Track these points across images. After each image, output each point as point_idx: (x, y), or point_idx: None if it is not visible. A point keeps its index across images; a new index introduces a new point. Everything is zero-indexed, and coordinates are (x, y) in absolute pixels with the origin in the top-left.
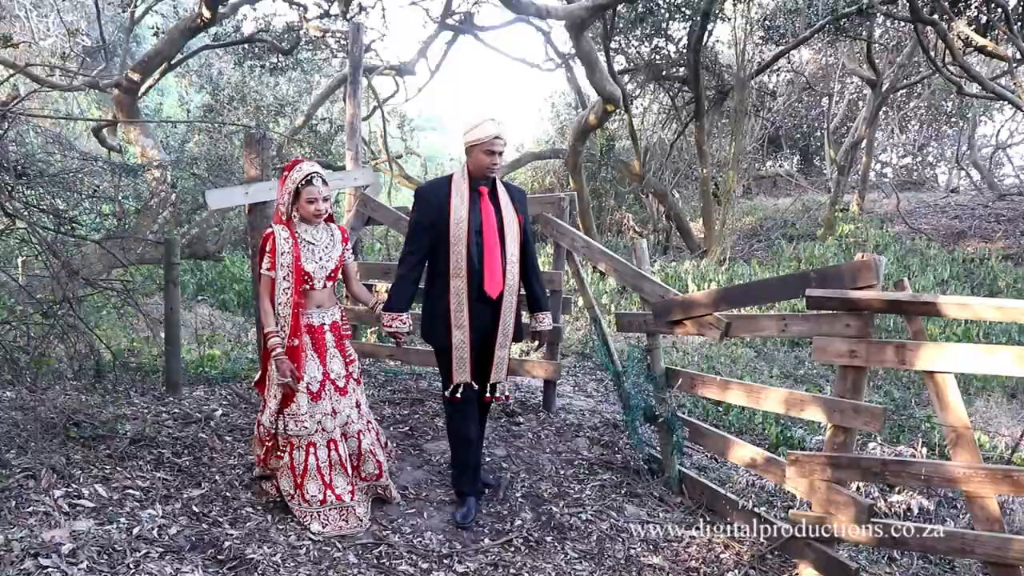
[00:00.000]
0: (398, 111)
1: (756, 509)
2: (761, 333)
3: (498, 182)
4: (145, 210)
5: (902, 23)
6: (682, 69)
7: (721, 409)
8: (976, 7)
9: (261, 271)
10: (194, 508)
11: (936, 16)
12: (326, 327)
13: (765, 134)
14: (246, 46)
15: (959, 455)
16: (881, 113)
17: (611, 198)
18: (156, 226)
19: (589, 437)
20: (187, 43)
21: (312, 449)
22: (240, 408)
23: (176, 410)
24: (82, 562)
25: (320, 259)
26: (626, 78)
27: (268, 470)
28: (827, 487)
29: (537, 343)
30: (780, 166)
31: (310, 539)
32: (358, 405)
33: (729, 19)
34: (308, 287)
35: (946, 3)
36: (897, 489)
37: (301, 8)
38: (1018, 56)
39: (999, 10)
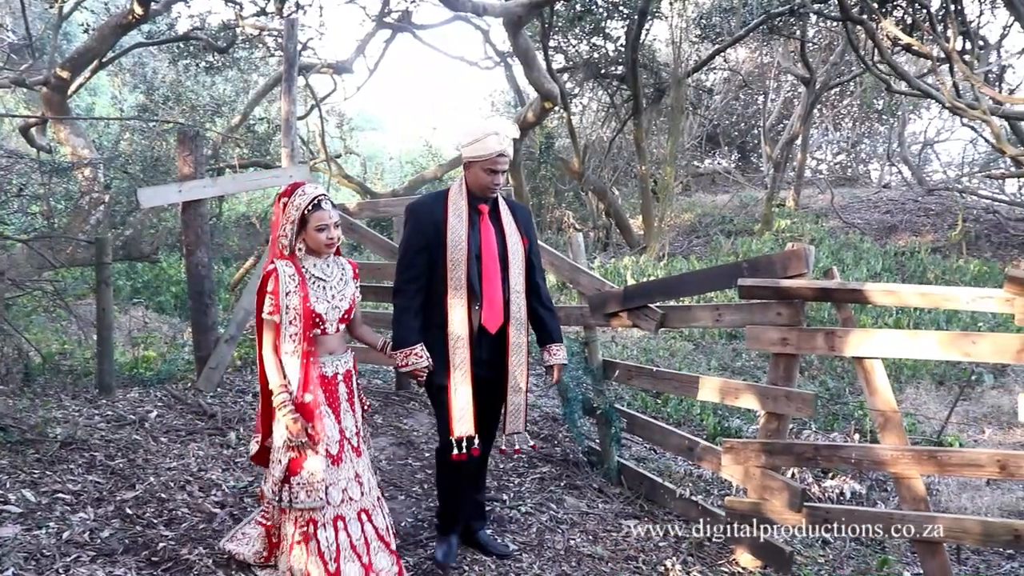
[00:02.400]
0: (337, 110)
1: (694, 497)
2: (696, 324)
3: (500, 200)
4: (76, 210)
5: (834, 22)
6: (620, 67)
7: (659, 401)
8: (902, 8)
9: (262, 315)
10: (127, 510)
11: (865, 16)
12: (340, 377)
13: (703, 132)
14: (181, 44)
15: (887, 438)
16: (815, 111)
17: (551, 196)
18: (88, 227)
19: (528, 431)
20: (119, 40)
21: (342, 524)
22: (176, 409)
23: (109, 412)
24: (7, 569)
25: (332, 298)
26: (565, 76)
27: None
28: (762, 473)
29: (553, 378)
30: (718, 163)
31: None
32: (369, 467)
33: (666, 18)
34: (319, 332)
35: (874, 3)
36: (831, 474)
37: (237, 6)
38: (941, 55)
39: (923, 11)
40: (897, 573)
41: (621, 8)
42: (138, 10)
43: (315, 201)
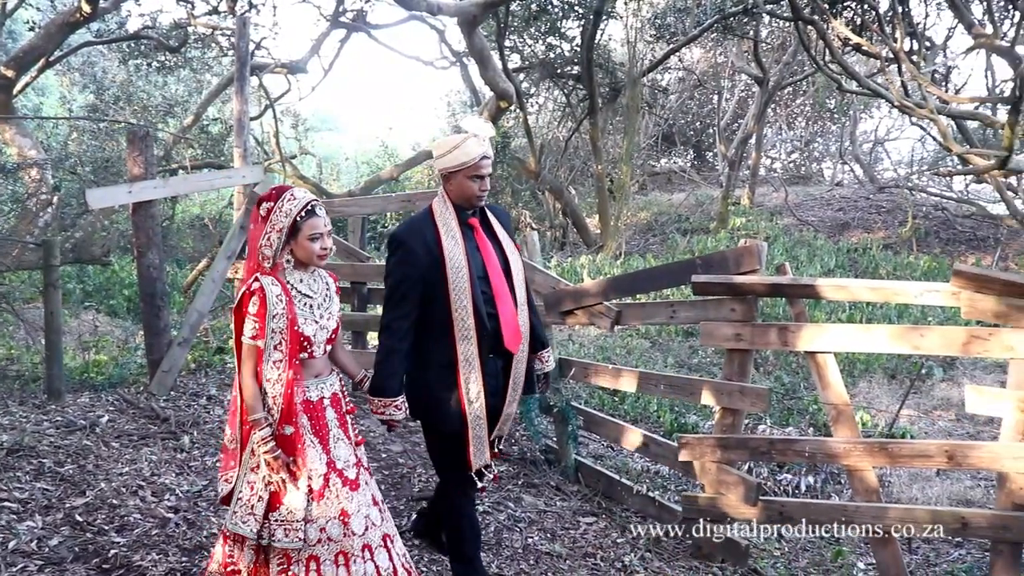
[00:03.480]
0: (292, 110)
1: (651, 494)
2: (651, 321)
3: (486, 208)
4: (24, 212)
5: (786, 23)
6: (576, 67)
7: (616, 398)
8: (852, 8)
9: (243, 339)
10: (77, 517)
11: (816, 16)
12: (326, 401)
13: (659, 131)
14: (131, 43)
15: (840, 431)
16: (769, 110)
17: (507, 195)
18: (36, 229)
19: None
20: (67, 39)
21: (315, 565)
22: (128, 413)
23: (59, 418)
24: None
25: (320, 317)
26: (521, 76)
27: None
28: (717, 468)
29: (543, 385)
30: (674, 162)
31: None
32: (376, 502)
33: (621, 17)
34: (307, 355)
35: (825, 4)
36: (786, 468)
37: (188, 4)
38: (890, 55)
39: (872, 12)
40: (851, 564)
41: (576, 8)
42: (86, 7)
43: (308, 207)
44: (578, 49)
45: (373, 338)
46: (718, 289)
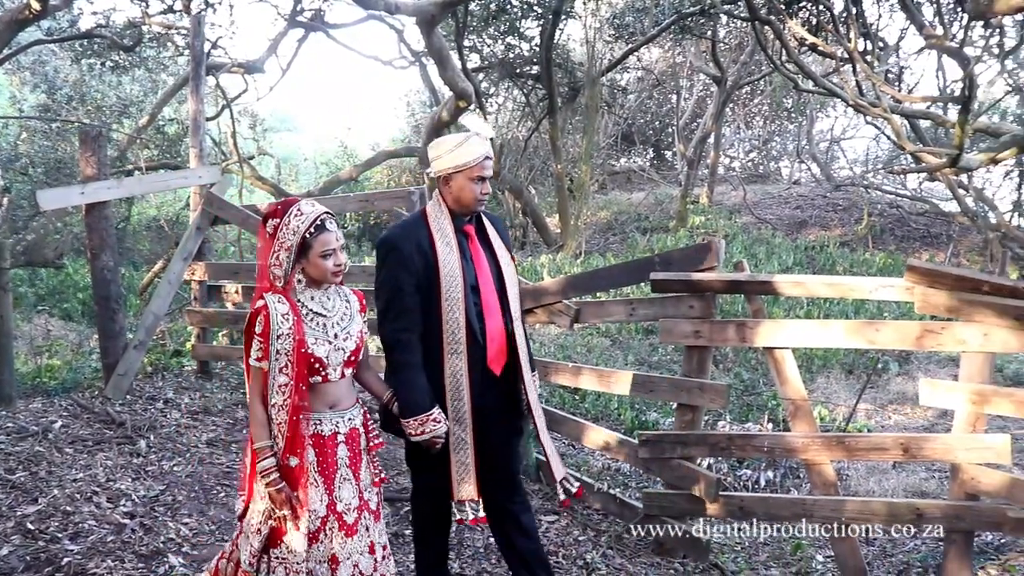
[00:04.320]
0: (249, 111)
1: (612, 491)
2: (610, 318)
3: (482, 215)
4: None
5: (743, 22)
6: (535, 67)
7: (577, 397)
8: (808, 9)
9: (250, 361)
10: (29, 525)
11: (772, 16)
12: (340, 437)
13: (619, 130)
14: (84, 42)
15: (798, 426)
16: (727, 109)
17: None
18: None
19: None
20: (15, 37)
21: None
22: (82, 418)
23: (9, 424)
24: None
25: (335, 337)
26: (480, 76)
27: None
28: (677, 464)
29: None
30: (633, 161)
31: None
32: (373, 550)
33: (580, 17)
34: (320, 379)
35: (781, 4)
36: (746, 464)
37: (143, 3)
38: (845, 55)
39: (827, 12)
40: (810, 556)
41: (535, 8)
42: (35, 5)
43: (317, 222)
44: (537, 49)
45: None
46: (677, 286)
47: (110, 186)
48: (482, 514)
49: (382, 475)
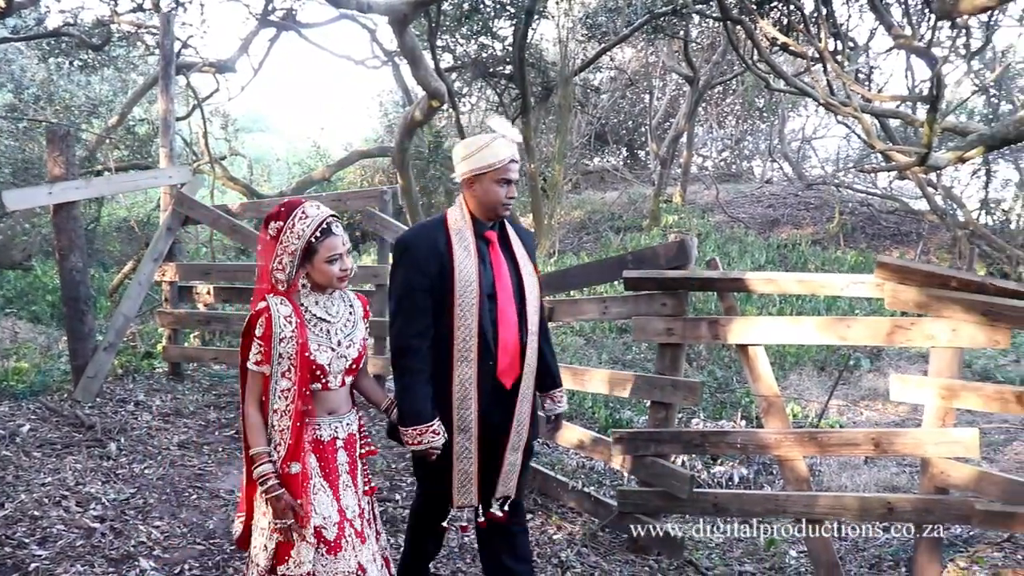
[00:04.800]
0: (221, 111)
1: (586, 489)
2: (584, 317)
3: (507, 223)
4: None
5: (715, 22)
6: (508, 66)
7: None
8: (779, 9)
9: (247, 365)
10: None
11: (744, 16)
12: (339, 442)
13: (592, 130)
14: (52, 40)
15: (771, 422)
16: (700, 109)
17: (441, 195)
18: None
19: None
20: None
21: None
22: (51, 422)
23: None
24: None
25: (337, 344)
26: (453, 75)
27: None
28: (651, 462)
29: (553, 428)
30: (607, 161)
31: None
32: (375, 558)
33: (553, 17)
34: (320, 386)
35: (753, 4)
36: (719, 461)
37: (112, 1)
38: (815, 55)
39: (798, 12)
40: (783, 552)
41: (508, 7)
42: (0, 2)
43: (323, 225)
44: (510, 48)
45: None
46: (649, 284)
47: (78, 186)
48: (482, 518)
49: (372, 484)
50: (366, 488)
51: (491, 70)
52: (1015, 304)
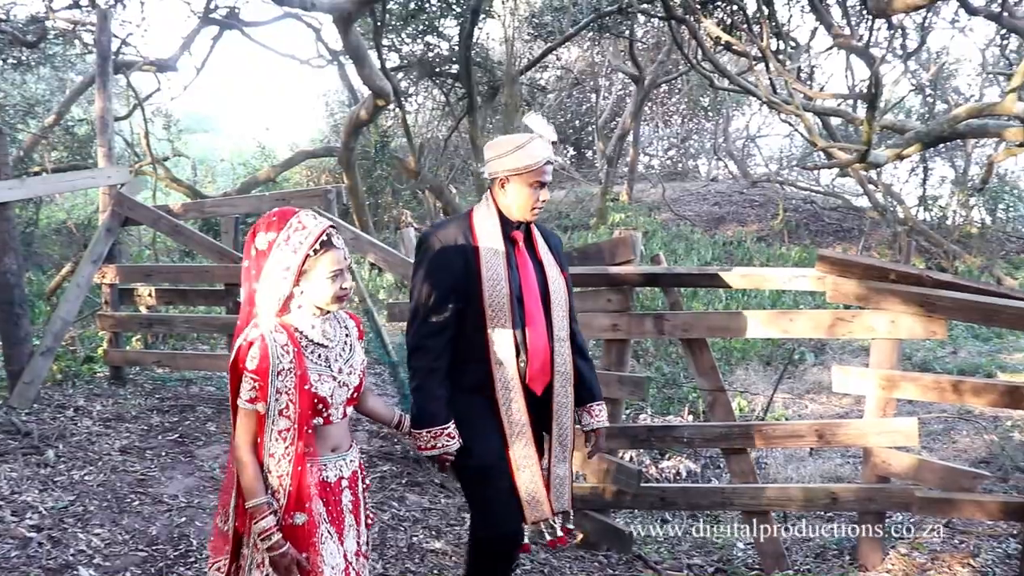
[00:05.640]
0: (163, 111)
1: None
2: None
3: (532, 226)
4: None
5: (660, 22)
6: (455, 66)
7: None
8: (722, 8)
9: (239, 403)
10: None
11: (688, 15)
12: (344, 482)
13: None
14: None
15: (716, 416)
16: (646, 108)
17: (388, 195)
18: None
19: (368, 430)
20: None
21: None
22: None
23: None
24: None
25: (338, 372)
26: (400, 75)
27: None
28: (598, 458)
29: (593, 445)
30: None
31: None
32: None
33: (499, 16)
34: (321, 421)
35: (697, 4)
36: (667, 455)
37: None
38: (758, 54)
39: (741, 12)
40: (731, 544)
41: (454, 6)
42: None
43: (323, 237)
44: (456, 48)
45: None
46: (594, 280)
47: (11, 186)
48: (560, 533)
49: (370, 519)
50: (368, 521)
51: (437, 69)
52: (951, 296)
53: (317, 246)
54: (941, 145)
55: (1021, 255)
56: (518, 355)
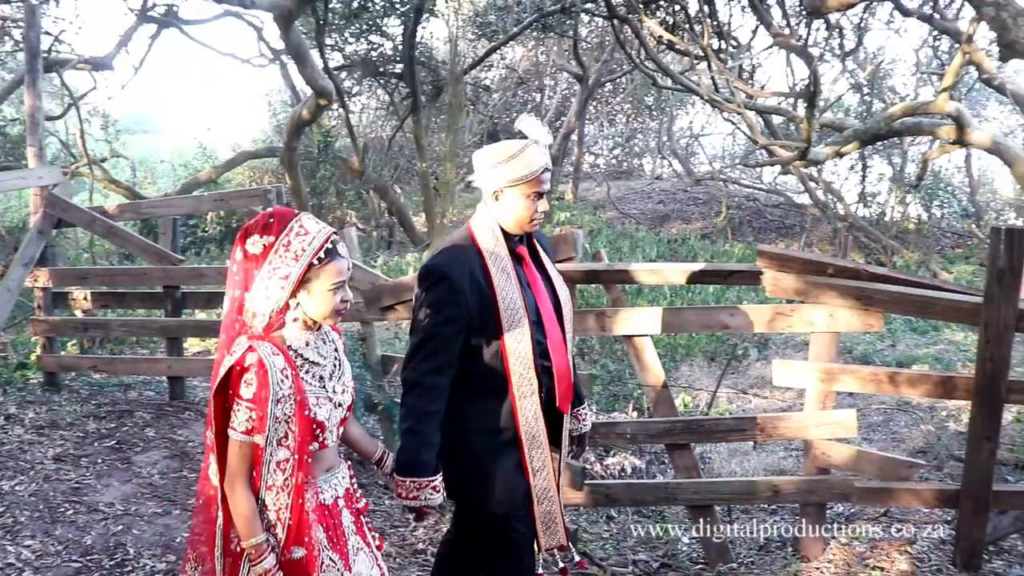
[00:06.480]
0: (100, 110)
1: None
2: None
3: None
4: None
5: (604, 21)
6: (399, 65)
7: None
8: (664, 8)
9: (233, 434)
10: None
11: (630, 15)
12: (341, 501)
13: (484, 129)
14: None
15: (659, 412)
16: (590, 107)
17: (332, 196)
18: None
19: None
20: None
21: None
22: None
23: None
24: None
25: (333, 392)
26: (343, 74)
27: None
28: None
29: (578, 448)
30: None
31: None
32: None
33: (442, 15)
34: (318, 445)
35: (639, 3)
36: (612, 452)
37: None
38: (700, 53)
39: (683, 11)
40: (676, 539)
41: (397, 5)
42: None
43: (328, 244)
44: (400, 47)
45: (189, 344)
46: None
47: None
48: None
49: (379, 540)
50: (377, 543)
51: (381, 69)
52: (887, 289)
53: (322, 254)
54: (879, 143)
55: (956, 250)
56: (540, 385)
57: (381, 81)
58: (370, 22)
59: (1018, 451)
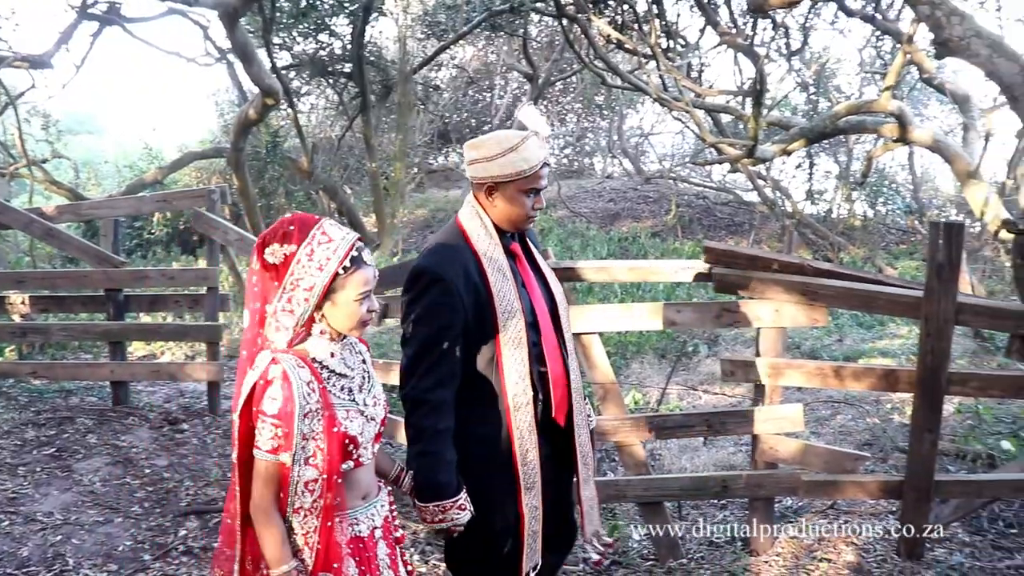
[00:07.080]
0: (40, 110)
1: None
2: None
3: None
4: None
5: (553, 20)
6: (348, 64)
7: (394, 395)
8: (613, 7)
9: (257, 453)
10: None
11: (579, 14)
12: (378, 533)
13: (435, 128)
14: None
15: (608, 409)
16: (541, 106)
17: (280, 196)
18: None
19: None
20: None
21: None
22: None
23: None
24: None
25: (364, 405)
26: (291, 74)
27: None
28: None
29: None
30: (450, 159)
31: None
32: None
33: (392, 14)
34: (352, 464)
35: (588, 3)
36: None
37: None
38: (649, 52)
39: (631, 11)
40: (627, 536)
41: (346, 4)
42: None
43: (353, 252)
44: (349, 46)
45: (133, 348)
46: None
47: None
48: (601, 550)
49: (411, 568)
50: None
51: (330, 68)
52: (831, 284)
53: (347, 263)
54: (825, 141)
55: (900, 246)
56: (535, 394)
57: (330, 80)
58: (318, 21)
59: (959, 442)
